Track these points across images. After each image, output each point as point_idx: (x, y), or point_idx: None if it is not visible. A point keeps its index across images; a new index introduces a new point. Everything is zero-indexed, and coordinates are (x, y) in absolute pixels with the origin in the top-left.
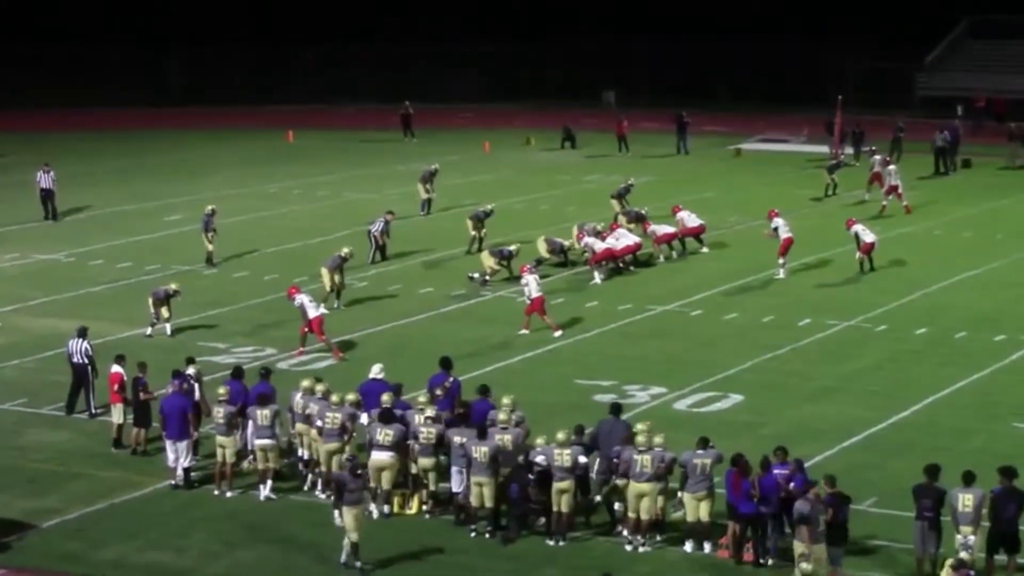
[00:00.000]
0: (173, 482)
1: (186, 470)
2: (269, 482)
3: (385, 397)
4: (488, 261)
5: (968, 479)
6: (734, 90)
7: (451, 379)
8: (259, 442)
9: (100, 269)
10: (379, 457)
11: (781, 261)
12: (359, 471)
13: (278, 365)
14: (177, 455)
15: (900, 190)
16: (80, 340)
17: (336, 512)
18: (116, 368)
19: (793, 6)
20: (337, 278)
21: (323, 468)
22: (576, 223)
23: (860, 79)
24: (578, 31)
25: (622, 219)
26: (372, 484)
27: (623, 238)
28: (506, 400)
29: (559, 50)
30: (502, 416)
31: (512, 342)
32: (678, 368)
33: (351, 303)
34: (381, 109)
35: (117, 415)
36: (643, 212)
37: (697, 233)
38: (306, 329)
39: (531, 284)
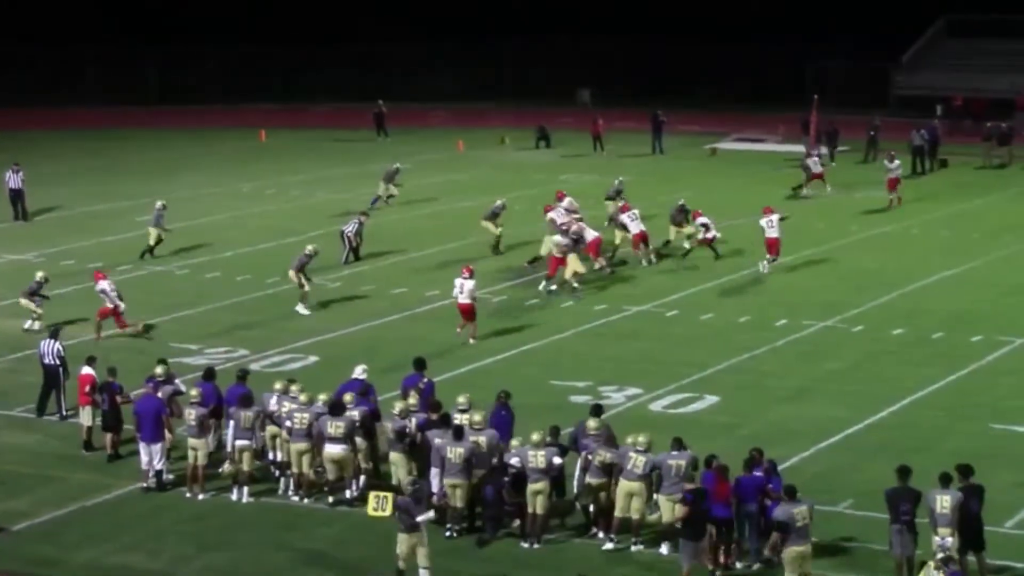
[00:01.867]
0: (145, 484)
1: (158, 472)
2: (246, 486)
3: (346, 397)
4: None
5: (945, 480)
6: (711, 89)
7: (425, 380)
8: (239, 443)
9: (71, 270)
10: (331, 450)
11: (769, 258)
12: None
13: (250, 367)
14: (151, 457)
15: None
16: (52, 341)
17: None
18: (87, 370)
19: (771, 6)
20: (303, 278)
21: (294, 469)
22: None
23: (837, 78)
24: (554, 29)
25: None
26: (331, 476)
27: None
28: (461, 399)
29: (535, 49)
30: (476, 417)
31: (487, 343)
32: (654, 369)
33: (324, 303)
34: (354, 108)
35: (86, 417)
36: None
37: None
38: (104, 316)
39: (463, 287)
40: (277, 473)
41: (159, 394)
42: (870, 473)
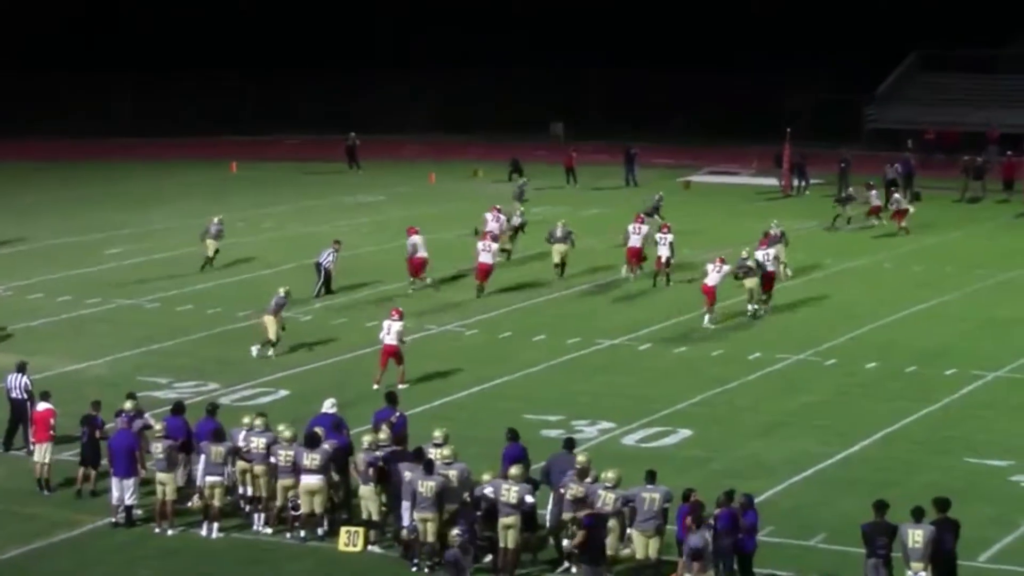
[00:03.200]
0: (114, 520)
1: (128, 508)
2: (216, 522)
3: (318, 431)
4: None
5: (918, 515)
6: (685, 122)
7: (397, 414)
8: (209, 479)
9: (39, 303)
10: (307, 481)
11: (763, 298)
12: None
13: (220, 400)
14: (122, 493)
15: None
16: (19, 375)
17: None
18: (45, 405)
19: (744, 39)
20: (279, 326)
21: (278, 502)
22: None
23: (810, 111)
24: (528, 62)
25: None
26: (304, 509)
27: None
28: (437, 433)
29: (510, 81)
30: (446, 451)
31: (456, 377)
32: (626, 403)
33: (294, 338)
34: (326, 140)
35: (41, 454)
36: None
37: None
38: None
39: (389, 329)
40: (247, 508)
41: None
42: (844, 507)
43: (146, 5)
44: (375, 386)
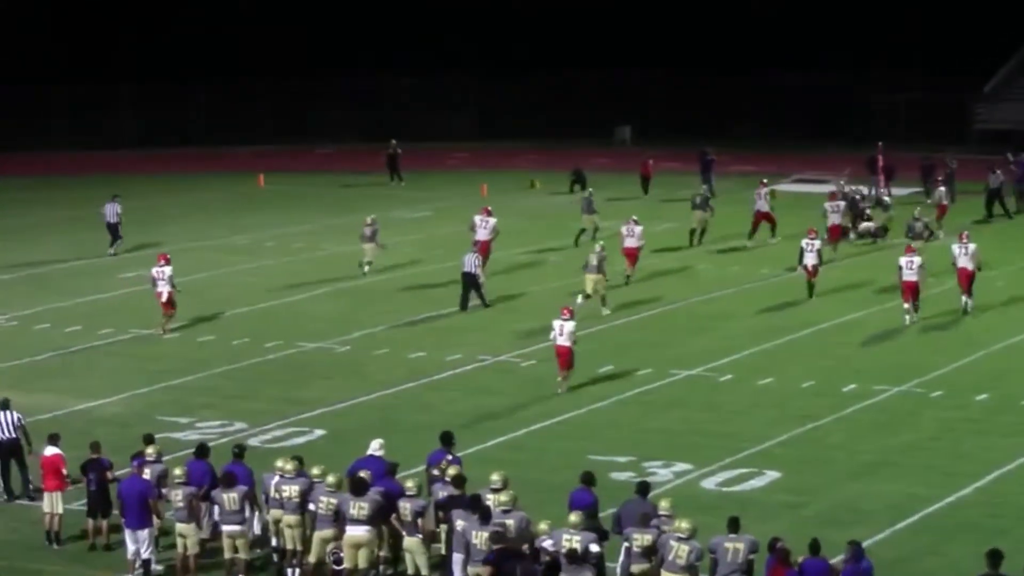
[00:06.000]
0: None
1: (145, 562)
2: None
3: (363, 474)
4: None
5: None
6: (763, 126)
7: (450, 457)
8: (226, 529)
9: (46, 334)
10: (353, 532)
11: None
12: None
13: (249, 442)
14: (138, 546)
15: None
16: (6, 412)
17: None
18: (53, 450)
19: (828, 33)
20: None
21: (312, 558)
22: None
23: (909, 112)
24: (586, 62)
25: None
26: (347, 564)
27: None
28: (495, 476)
29: (565, 83)
30: (503, 497)
31: (515, 413)
32: (705, 441)
33: (329, 367)
34: (364, 149)
35: (51, 504)
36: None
37: None
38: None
39: (562, 329)
40: (279, 561)
41: (147, 474)
42: (953, 557)
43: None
44: (559, 390)
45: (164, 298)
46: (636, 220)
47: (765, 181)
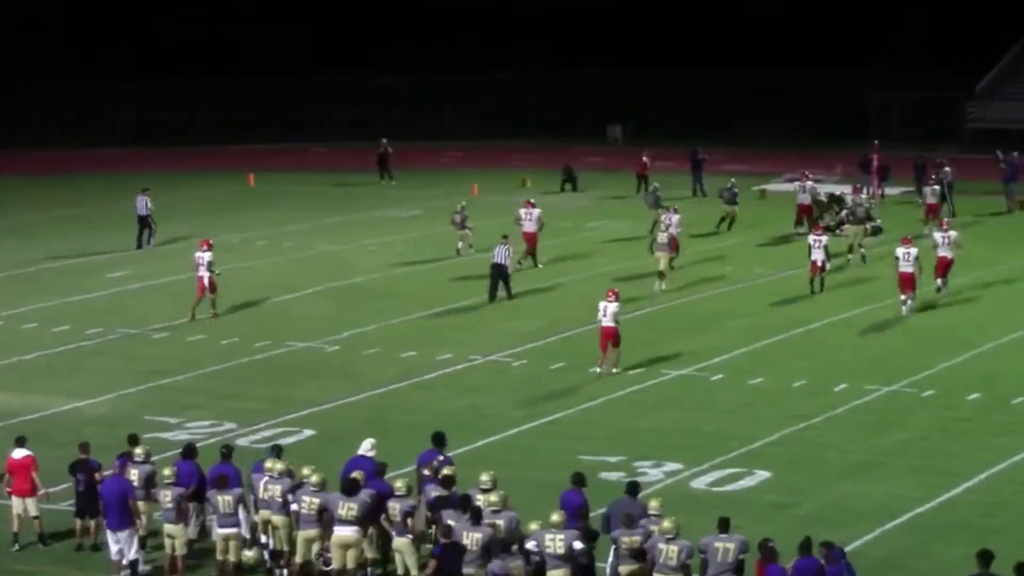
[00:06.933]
0: None
1: (132, 563)
2: None
3: (356, 475)
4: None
5: (1022, 569)
6: (754, 125)
7: (441, 457)
8: (222, 531)
9: (33, 334)
10: (341, 533)
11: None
12: None
13: (237, 442)
14: (121, 546)
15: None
16: None
17: None
18: (22, 452)
19: (821, 31)
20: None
21: (298, 558)
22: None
23: (903, 111)
24: (577, 61)
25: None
26: (335, 564)
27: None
28: (484, 476)
29: (556, 82)
30: (493, 497)
31: (506, 413)
32: (696, 441)
33: (321, 372)
34: (354, 148)
35: (22, 508)
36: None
37: None
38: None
39: (606, 311)
40: (268, 562)
41: (133, 474)
42: (944, 557)
43: (143, 11)
44: (597, 370)
45: (205, 282)
46: (533, 203)
47: (807, 174)
